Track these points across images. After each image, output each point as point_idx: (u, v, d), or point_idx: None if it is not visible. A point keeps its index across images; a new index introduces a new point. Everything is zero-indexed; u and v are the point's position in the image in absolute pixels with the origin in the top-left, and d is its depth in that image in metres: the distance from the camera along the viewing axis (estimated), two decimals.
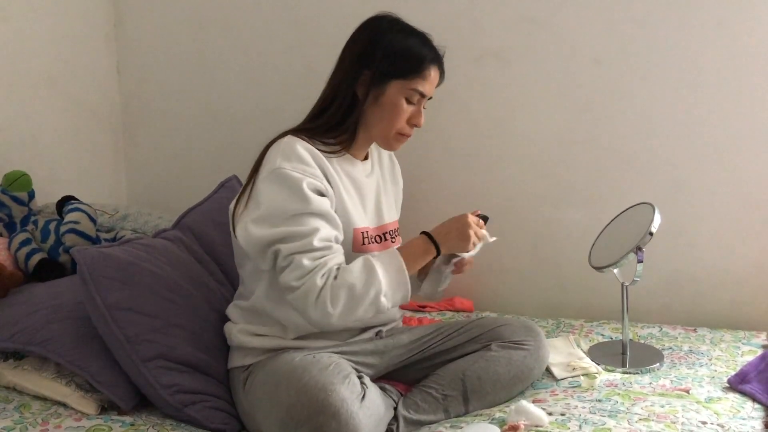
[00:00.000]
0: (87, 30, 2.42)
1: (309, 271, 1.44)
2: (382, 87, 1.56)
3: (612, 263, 1.72)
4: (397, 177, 1.82)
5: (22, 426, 1.45)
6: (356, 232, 1.58)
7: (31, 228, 2.02)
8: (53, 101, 2.31)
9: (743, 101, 1.94)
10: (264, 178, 1.51)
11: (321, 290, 1.43)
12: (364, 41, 1.58)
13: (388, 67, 1.55)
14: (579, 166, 2.10)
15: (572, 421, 1.43)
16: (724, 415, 1.46)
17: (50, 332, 1.58)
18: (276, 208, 1.48)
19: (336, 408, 1.36)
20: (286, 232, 1.46)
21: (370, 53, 1.56)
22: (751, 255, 2.00)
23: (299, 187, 1.47)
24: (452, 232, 1.57)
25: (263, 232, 1.47)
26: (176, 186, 2.52)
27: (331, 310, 1.44)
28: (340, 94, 1.58)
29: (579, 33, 2.04)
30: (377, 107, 1.57)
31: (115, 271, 1.57)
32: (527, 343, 1.64)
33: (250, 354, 1.57)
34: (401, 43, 1.56)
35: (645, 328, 1.97)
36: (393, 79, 1.56)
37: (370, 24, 1.61)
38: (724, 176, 1.99)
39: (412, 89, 1.57)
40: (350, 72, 1.57)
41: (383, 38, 1.57)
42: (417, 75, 1.56)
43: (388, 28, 1.58)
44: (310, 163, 1.51)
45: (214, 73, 2.43)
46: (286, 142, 1.54)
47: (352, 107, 1.57)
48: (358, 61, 1.57)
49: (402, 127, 1.60)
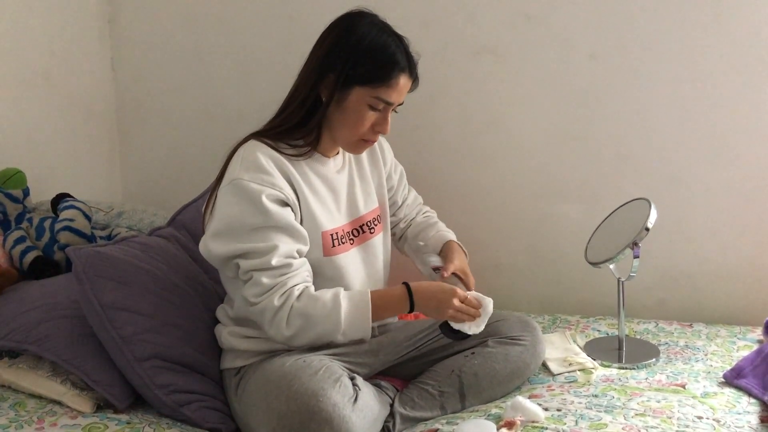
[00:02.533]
0: (81, 26, 2.41)
1: (268, 289, 1.44)
2: (345, 92, 1.49)
3: (608, 259, 1.72)
4: (378, 159, 1.74)
5: (18, 424, 1.45)
6: (325, 235, 1.55)
7: (25, 226, 2.01)
8: (47, 98, 2.30)
9: (739, 96, 1.94)
10: (223, 190, 1.48)
11: (278, 311, 1.44)
12: (331, 41, 1.51)
13: (352, 71, 1.47)
14: (575, 161, 2.10)
15: (568, 417, 1.43)
16: (719, 409, 1.47)
17: (45, 330, 1.57)
18: (234, 222, 1.45)
19: (328, 413, 1.35)
20: (245, 248, 1.44)
21: (335, 54, 1.49)
22: (746, 250, 2.01)
23: (258, 200, 1.43)
24: (432, 302, 1.51)
25: (221, 248, 1.46)
26: (171, 183, 2.52)
27: (286, 332, 1.45)
28: (302, 94, 1.52)
29: (574, 28, 2.04)
30: (340, 112, 1.51)
31: (110, 270, 1.57)
32: (524, 338, 1.64)
33: (240, 356, 1.56)
34: (368, 46, 1.48)
35: (641, 323, 1.98)
36: (356, 85, 1.48)
37: (340, 22, 1.53)
38: (719, 172, 1.99)
39: (376, 97, 1.49)
40: (314, 73, 1.50)
41: (350, 39, 1.48)
42: (382, 83, 1.48)
43: (358, 28, 1.50)
44: (270, 172, 1.47)
45: (209, 70, 2.43)
46: (247, 149, 1.50)
47: (315, 108, 1.51)
48: (323, 62, 1.50)
49: (364, 133, 1.53)
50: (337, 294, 1.48)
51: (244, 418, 1.52)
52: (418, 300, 1.51)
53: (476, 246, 2.00)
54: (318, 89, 1.51)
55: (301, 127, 1.53)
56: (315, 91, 1.51)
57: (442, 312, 1.50)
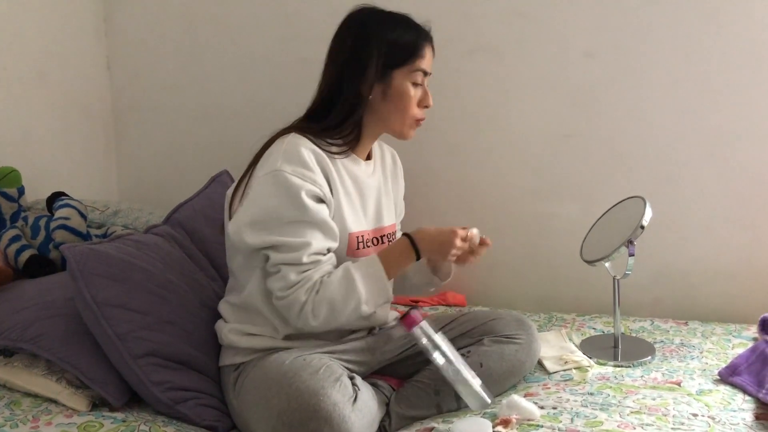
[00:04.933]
0: (76, 24, 2.41)
1: (293, 284, 1.45)
2: (387, 80, 1.56)
3: (603, 257, 1.72)
4: (399, 177, 1.80)
5: (13, 423, 1.45)
6: (351, 236, 1.57)
7: (21, 224, 2.01)
8: (43, 97, 2.29)
9: (735, 95, 1.95)
10: (263, 178, 1.49)
11: (304, 305, 1.46)
12: (355, 39, 1.57)
13: (388, 59, 1.55)
14: (570, 159, 2.11)
15: (564, 415, 1.43)
16: (714, 407, 1.47)
17: (40, 329, 1.57)
18: (271, 213, 1.47)
19: (328, 412, 1.35)
20: (278, 241, 1.46)
21: (365, 50, 1.54)
22: (741, 248, 2.01)
23: (297, 195, 1.45)
24: (435, 245, 1.54)
25: (255, 237, 1.47)
26: (167, 182, 2.52)
27: (313, 323, 1.47)
28: (342, 93, 1.55)
29: (571, 27, 2.04)
30: (387, 101, 1.57)
31: (105, 267, 1.57)
32: (519, 337, 1.64)
33: (240, 353, 1.56)
34: (393, 32, 1.56)
35: (636, 321, 1.98)
36: (395, 68, 1.56)
37: (354, 20, 1.59)
38: (715, 170, 2.00)
39: (415, 71, 1.57)
40: (349, 71, 1.55)
41: (374, 32, 1.56)
42: (416, 56, 1.57)
43: (374, 20, 1.58)
44: (312, 168, 1.49)
45: (205, 68, 2.43)
46: (290, 141, 1.51)
47: (356, 105, 1.56)
48: (354, 61, 1.55)
49: (415, 112, 1.60)
50: (347, 269, 1.49)
51: (242, 415, 1.52)
52: (422, 246, 1.54)
53: None
54: (357, 86, 1.55)
55: (343, 125, 1.57)
56: (355, 88, 1.55)
57: (445, 252, 1.53)
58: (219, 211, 1.96)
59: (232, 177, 2.06)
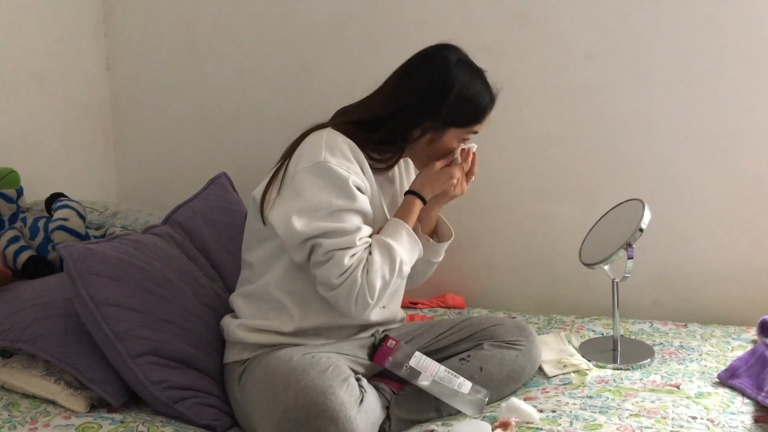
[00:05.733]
0: (76, 25, 2.41)
1: (347, 268, 1.46)
2: (440, 133, 1.58)
3: (602, 260, 1.72)
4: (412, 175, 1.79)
5: (11, 425, 1.44)
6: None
7: (19, 225, 2.01)
8: (42, 97, 2.29)
9: (734, 97, 1.95)
10: (307, 169, 1.49)
11: (361, 286, 1.47)
12: (426, 84, 1.56)
13: (453, 116, 1.57)
14: (570, 162, 2.11)
15: (563, 418, 1.43)
16: (714, 410, 1.47)
17: (39, 329, 1.57)
18: (321, 202, 1.47)
19: (335, 412, 1.35)
20: (330, 227, 1.47)
21: (438, 99, 1.55)
22: (740, 251, 2.01)
23: (346, 184, 1.48)
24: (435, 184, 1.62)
25: (306, 225, 1.47)
26: (166, 183, 2.51)
27: (371, 301, 1.49)
28: (395, 123, 1.57)
29: (570, 29, 2.04)
30: (430, 147, 1.60)
31: (102, 266, 1.56)
32: (520, 343, 1.64)
33: (247, 348, 1.56)
34: (466, 95, 1.56)
35: (636, 323, 1.98)
36: (453, 127, 1.58)
37: (431, 61, 1.58)
38: (714, 172, 2.00)
39: (470, 133, 1.61)
40: (413, 110, 1.56)
41: (446, 86, 1.55)
42: (477, 123, 1.60)
43: (451, 71, 1.55)
44: (352, 161, 1.52)
45: (204, 70, 2.42)
46: (329, 135, 1.54)
47: (403, 141, 1.59)
48: (423, 101, 1.55)
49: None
50: (378, 240, 1.53)
51: (246, 409, 1.51)
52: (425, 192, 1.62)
53: (471, 246, 2.00)
54: (413, 128, 1.57)
55: (380, 147, 1.59)
56: (411, 123, 1.57)
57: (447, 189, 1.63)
58: (218, 213, 1.96)
59: (230, 179, 2.06)
